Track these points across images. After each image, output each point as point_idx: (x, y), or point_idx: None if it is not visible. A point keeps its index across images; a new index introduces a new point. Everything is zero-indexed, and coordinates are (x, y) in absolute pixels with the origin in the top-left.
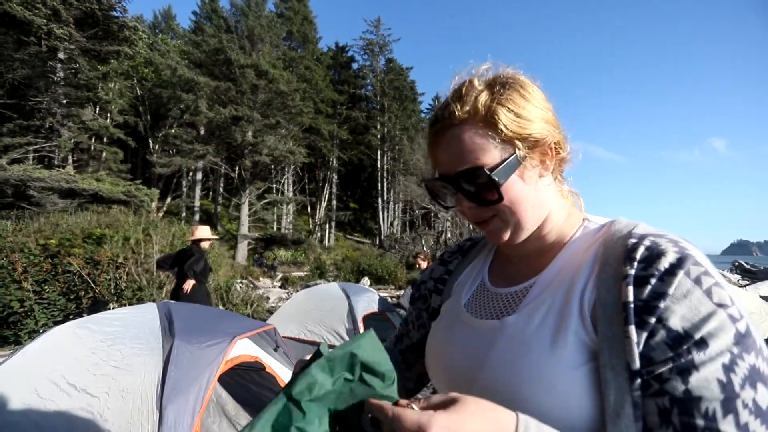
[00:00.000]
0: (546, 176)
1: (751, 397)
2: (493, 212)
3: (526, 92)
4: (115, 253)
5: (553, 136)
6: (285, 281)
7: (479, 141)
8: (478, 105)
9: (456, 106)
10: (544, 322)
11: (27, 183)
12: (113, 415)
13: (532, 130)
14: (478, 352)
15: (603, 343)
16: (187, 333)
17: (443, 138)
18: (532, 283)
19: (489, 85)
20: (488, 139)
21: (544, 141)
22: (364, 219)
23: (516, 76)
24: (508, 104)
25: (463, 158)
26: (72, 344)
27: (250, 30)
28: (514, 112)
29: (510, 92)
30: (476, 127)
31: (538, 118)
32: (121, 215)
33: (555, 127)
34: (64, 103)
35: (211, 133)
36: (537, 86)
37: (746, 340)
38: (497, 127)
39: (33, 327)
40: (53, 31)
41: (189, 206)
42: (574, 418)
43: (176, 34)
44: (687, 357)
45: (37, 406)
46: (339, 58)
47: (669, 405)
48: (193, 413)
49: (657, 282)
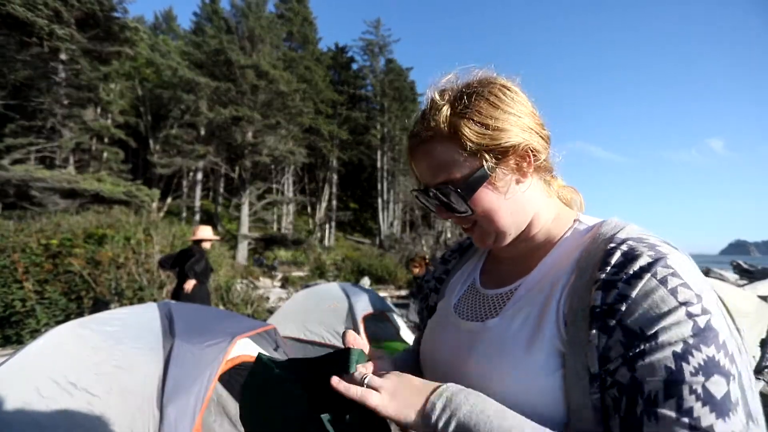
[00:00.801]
0: (524, 182)
1: (701, 382)
2: (472, 221)
3: (497, 98)
4: (116, 253)
5: (528, 141)
6: (285, 281)
7: (447, 156)
8: (440, 121)
9: (422, 123)
10: (523, 327)
11: (29, 183)
12: (114, 415)
13: (501, 139)
14: (461, 353)
15: (570, 349)
16: (187, 333)
17: (417, 153)
18: (517, 286)
19: (454, 98)
20: (455, 153)
21: (518, 147)
22: (364, 219)
23: (488, 81)
24: (473, 116)
25: (434, 173)
26: (73, 344)
27: (251, 31)
28: (480, 123)
29: (477, 102)
30: (443, 142)
31: (511, 125)
32: (122, 215)
33: (531, 131)
34: (65, 103)
35: (212, 134)
36: (515, 86)
37: (706, 333)
38: (461, 142)
39: (35, 327)
40: (55, 32)
41: (189, 206)
42: (548, 422)
43: (177, 34)
44: (638, 348)
45: (38, 406)
46: (339, 58)
47: (618, 394)
48: (193, 413)
49: (623, 285)
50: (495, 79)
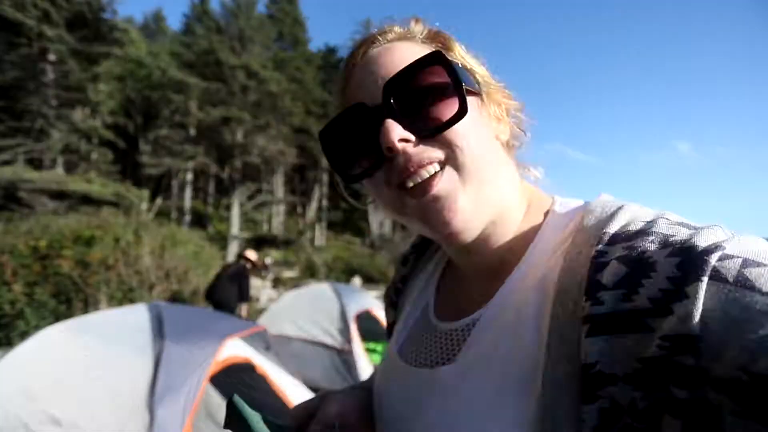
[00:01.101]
0: (502, 143)
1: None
2: (442, 153)
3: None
4: (105, 254)
5: (501, 92)
6: (276, 282)
7: (422, 54)
8: (425, 29)
9: (396, 27)
10: (486, 376)
11: (17, 184)
12: (104, 416)
13: (484, 73)
14: (411, 410)
15: (547, 413)
16: (177, 334)
17: (371, 56)
18: (477, 318)
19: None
20: (438, 59)
21: (496, 93)
22: (354, 219)
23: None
24: (458, 44)
25: (402, 63)
26: (63, 345)
27: (241, 31)
28: (465, 50)
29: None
30: (421, 45)
31: (483, 66)
32: (111, 216)
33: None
34: (54, 104)
35: (202, 134)
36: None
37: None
38: (452, 51)
39: (24, 328)
40: (44, 32)
41: (179, 207)
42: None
43: (166, 35)
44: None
45: (26, 406)
46: (329, 59)
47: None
48: (183, 414)
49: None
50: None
